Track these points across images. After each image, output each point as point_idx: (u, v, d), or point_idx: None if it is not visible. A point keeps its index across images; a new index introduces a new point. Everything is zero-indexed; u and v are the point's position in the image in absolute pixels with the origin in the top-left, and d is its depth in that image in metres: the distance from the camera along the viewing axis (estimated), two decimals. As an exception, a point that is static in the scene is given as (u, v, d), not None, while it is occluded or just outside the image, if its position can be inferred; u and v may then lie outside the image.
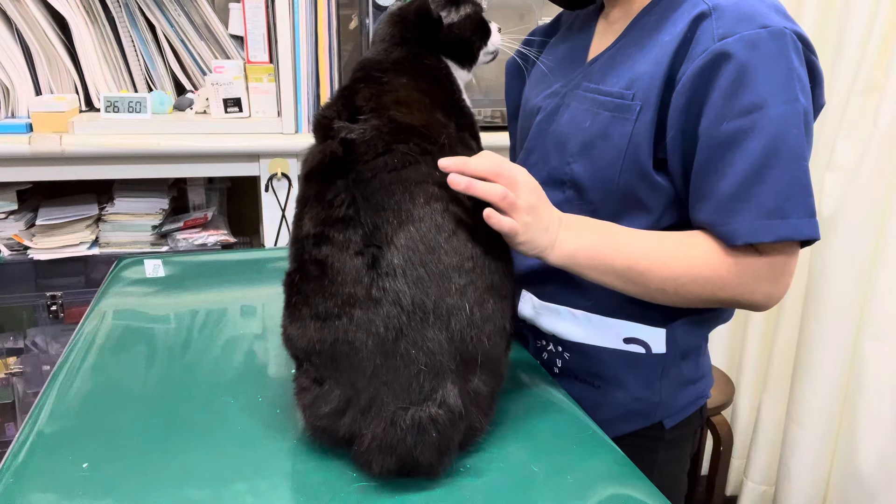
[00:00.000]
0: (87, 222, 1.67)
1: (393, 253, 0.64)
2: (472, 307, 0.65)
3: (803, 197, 0.71)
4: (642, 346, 0.84)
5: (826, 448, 1.60)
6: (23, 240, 1.63)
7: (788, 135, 0.70)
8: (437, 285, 0.64)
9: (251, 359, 0.89)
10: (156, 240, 1.72)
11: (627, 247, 0.75)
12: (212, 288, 1.13)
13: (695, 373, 0.88)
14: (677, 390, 0.86)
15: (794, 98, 0.70)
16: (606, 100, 0.80)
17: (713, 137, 0.72)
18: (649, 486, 0.66)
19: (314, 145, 0.75)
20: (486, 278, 0.67)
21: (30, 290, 1.65)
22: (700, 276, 0.74)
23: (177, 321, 0.99)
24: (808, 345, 1.56)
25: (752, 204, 0.70)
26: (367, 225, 0.65)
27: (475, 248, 0.67)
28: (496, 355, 0.69)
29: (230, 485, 0.62)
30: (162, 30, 1.74)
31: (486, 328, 0.66)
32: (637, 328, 0.83)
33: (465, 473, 0.66)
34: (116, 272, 1.17)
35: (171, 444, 0.69)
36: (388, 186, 0.66)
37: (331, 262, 0.65)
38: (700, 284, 0.74)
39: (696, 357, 0.88)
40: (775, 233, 0.70)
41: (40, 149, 1.52)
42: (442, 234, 0.66)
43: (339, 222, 0.66)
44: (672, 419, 0.87)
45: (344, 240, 0.65)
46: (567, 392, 0.83)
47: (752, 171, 0.70)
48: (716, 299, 0.76)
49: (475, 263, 0.67)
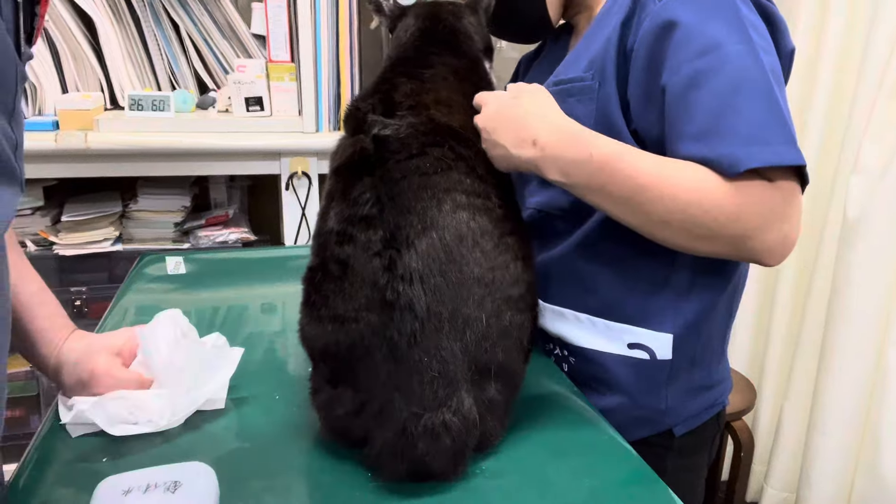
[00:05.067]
0: (112, 219, 1.69)
1: (412, 257, 0.63)
2: (488, 319, 0.64)
3: (781, 125, 0.67)
4: (646, 352, 0.81)
5: (849, 456, 1.57)
6: (48, 235, 1.65)
7: (750, 68, 0.68)
8: (455, 295, 0.63)
9: (270, 356, 0.90)
10: (178, 237, 1.73)
11: (634, 169, 0.69)
12: (232, 285, 1.14)
13: (708, 379, 0.86)
14: (687, 398, 0.84)
15: (747, 38, 0.68)
16: (569, 86, 0.81)
17: (676, 84, 0.70)
18: (666, 491, 0.65)
19: (344, 138, 0.74)
20: (505, 291, 0.66)
21: (55, 286, 1.67)
22: (703, 201, 0.67)
23: (197, 317, 1.00)
24: (832, 350, 1.54)
25: (728, 134, 0.66)
26: (389, 225, 0.64)
27: (497, 259, 0.66)
28: (511, 367, 0.68)
29: (246, 482, 0.63)
30: (186, 29, 1.76)
31: (501, 341, 0.65)
32: (643, 334, 0.81)
33: (481, 475, 0.65)
34: (139, 268, 1.18)
35: (190, 439, 0.69)
36: (416, 190, 0.65)
37: (352, 262, 0.64)
38: (704, 210, 0.67)
39: (709, 363, 0.86)
40: (759, 159, 0.65)
41: (66, 146, 1.54)
42: (465, 244, 0.64)
43: (362, 221, 0.65)
44: (683, 427, 0.85)
45: (365, 240, 0.64)
46: (584, 395, 0.82)
47: (721, 105, 0.67)
48: (724, 235, 0.67)
49: (495, 276, 0.66)
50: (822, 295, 1.58)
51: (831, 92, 1.61)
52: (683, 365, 0.82)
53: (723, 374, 0.90)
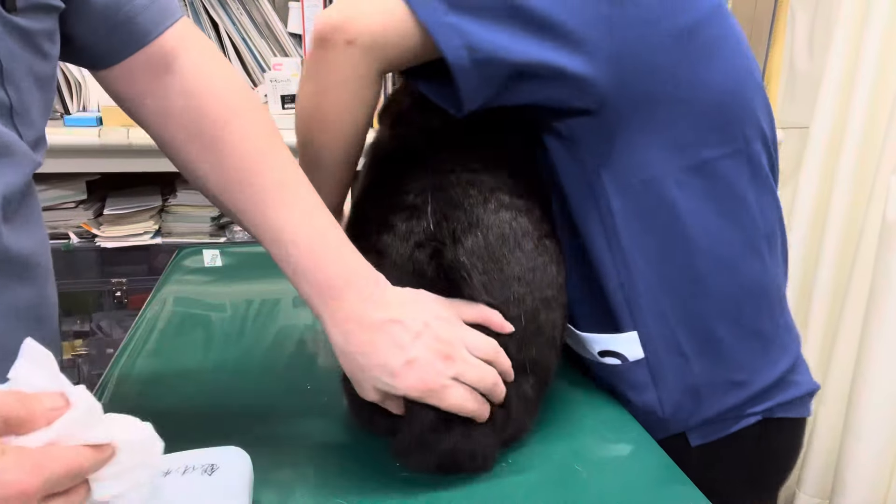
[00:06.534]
0: (151, 213, 1.74)
1: (460, 252, 0.63)
2: (525, 317, 0.64)
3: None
4: (617, 358, 0.75)
5: (885, 462, 1.54)
6: (91, 228, 1.70)
7: None
8: (497, 292, 0.63)
9: (302, 348, 0.92)
10: (214, 231, 1.77)
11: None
12: (266, 278, 1.16)
13: (725, 374, 0.73)
14: (692, 399, 0.74)
15: None
16: None
17: None
18: (693, 489, 0.65)
19: (382, 129, 0.74)
20: (542, 291, 0.66)
21: (96, 277, 1.72)
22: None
23: (232, 309, 1.02)
24: (868, 355, 1.50)
25: None
26: (436, 215, 0.63)
27: (535, 261, 0.66)
28: (545, 363, 0.68)
29: (277, 470, 0.65)
30: (225, 28, 1.79)
31: (536, 339, 0.66)
32: (608, 339, 0.75)
33: (508, 469, 0.66)
34: (177, 261, 1.21)
35: (223, 427, 0.71)
36: (464, 185, 0.65)
37: (390, 251, 0.64)
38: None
39: (716, 353, 0.73)
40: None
41: (109, 141, 1.59)
42: (507, 244, 0.64)
43: (404, 210, 0.65)
44: (699, 435, 0.75)
45: (406, 230, 0.64)
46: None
47: None
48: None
49: (534, 276, 0.66)
50: (859, 298, 1.55)
51: (872, 90, 1.58)
52: (668, 360, 0.73)
53: (760, 366, 0.74)
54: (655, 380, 0.74)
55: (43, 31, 0.52)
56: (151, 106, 0.63)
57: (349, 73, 0.64)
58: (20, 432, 0.35)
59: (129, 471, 0.39)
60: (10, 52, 0.49)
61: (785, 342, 0.78)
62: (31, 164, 0.52)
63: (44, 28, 0.52)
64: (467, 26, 0.61)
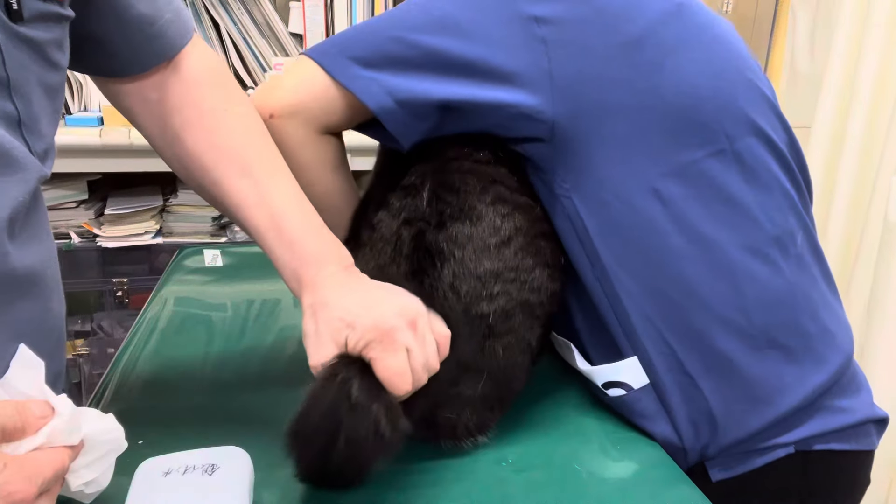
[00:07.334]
0: (152, 213, 1.74)
1: (441, 237, 0.62)
2: (495, 316, 0.63)
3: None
4: (622, 388, 0.71)
5: (885, 463, 1.53)
6: (92, 228, 1.70)
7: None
8: (469, 286, 0.62)
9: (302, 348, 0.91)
10: (215, 230, 1.77)
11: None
12: (267, 278, 1.16)
13: (738, 391, 0.67)
14: (707, 423, 0.69)
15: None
16: None
17: None
18: (695, 490, 0.65)
19: None
20: (523, 294, 0.65)
21: (97, 277, 1.73)
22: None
23: (233, 309, 1.02)
24: (869, 355, 1.50)
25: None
26: (429, 195, 0.63)
27: (523, 261, 0.65)
28: (510, 370, 0.67)
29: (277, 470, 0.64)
30: (226, 28, 1.79)
31: (504, 339, 0.65)
32: (609, 370, 0.71)
33: (507, 468, 0.66)
34: (178, 261, 1.21)
35: (223, 427, 0.71)
36: (464, 172, 0.65)
37: (379, 226, 0.64)
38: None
39: (723, 367, 0.68)
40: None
41: (110, 141, 1.59)
42: (495, 237, 0.64)
43: (402, 189, 0.65)
44: (721, 469, 0.69)
45: (399, 206, 0.64)
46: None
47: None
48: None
49: (517, 276, 0.64)
50: (861, 298, 1.54)
51: (873, 91, 1.58)
52: (673, 382, 0.69)
53: (783, 382, 0.68)
54: (665, 405, 0.69)
55: (51, 40, 0.51)
56: (153, 97, 0.67)
57: (291, 140, 0.68)
58: (14, 440, 0.40)
59: (99, 460, 0.46)
60: (17, 63, 0.48)
61: (820, 353, 0.70)
62: (38, 176, 0.52)
63: (52, 37, 0.51)
64: (384, 78, 0.64)
